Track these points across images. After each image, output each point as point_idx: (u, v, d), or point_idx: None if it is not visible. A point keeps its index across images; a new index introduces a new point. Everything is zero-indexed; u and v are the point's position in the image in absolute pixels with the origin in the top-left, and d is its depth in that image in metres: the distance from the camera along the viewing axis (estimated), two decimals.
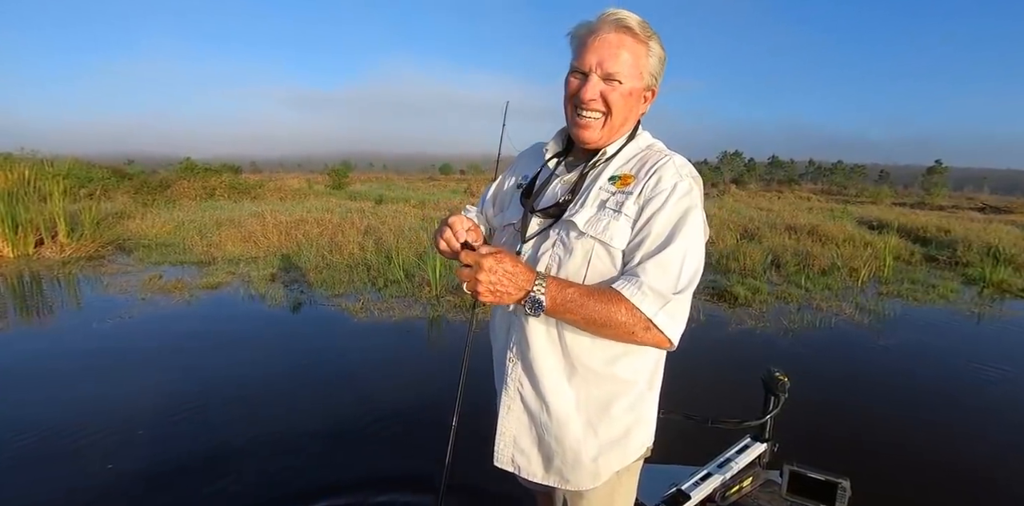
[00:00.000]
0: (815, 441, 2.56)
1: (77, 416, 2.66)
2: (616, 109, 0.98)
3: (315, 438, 2.52)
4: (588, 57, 0.96)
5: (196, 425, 2.62)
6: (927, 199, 28.24)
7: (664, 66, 1.01)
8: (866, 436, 2.69)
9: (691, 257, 0.92)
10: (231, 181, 14.71)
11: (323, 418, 2.72)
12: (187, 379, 3.14)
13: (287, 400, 2.92)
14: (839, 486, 1.35)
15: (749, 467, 1.57)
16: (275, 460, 2.33)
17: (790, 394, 1.56)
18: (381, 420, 2.70)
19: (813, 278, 6.09)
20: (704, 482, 1.50)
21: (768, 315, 4.69)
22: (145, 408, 2.76)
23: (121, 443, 2.44)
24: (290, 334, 4.07)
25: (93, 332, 3.96)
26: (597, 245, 0.95)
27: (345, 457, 2.37)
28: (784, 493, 1.41)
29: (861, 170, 54.16)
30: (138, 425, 2.59)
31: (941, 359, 3.86)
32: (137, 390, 2.99)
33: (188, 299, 4.83)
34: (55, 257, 6.75)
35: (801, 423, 2.71)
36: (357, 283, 5.39)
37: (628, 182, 0.98)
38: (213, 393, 2.97)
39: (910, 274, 6.60)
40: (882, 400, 3.11)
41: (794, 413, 1.58)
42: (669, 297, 0.89)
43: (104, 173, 14.58)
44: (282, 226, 7.81)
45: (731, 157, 57.90)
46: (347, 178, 22.93)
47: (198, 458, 2.33)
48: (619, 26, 0.95)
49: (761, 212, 12.21)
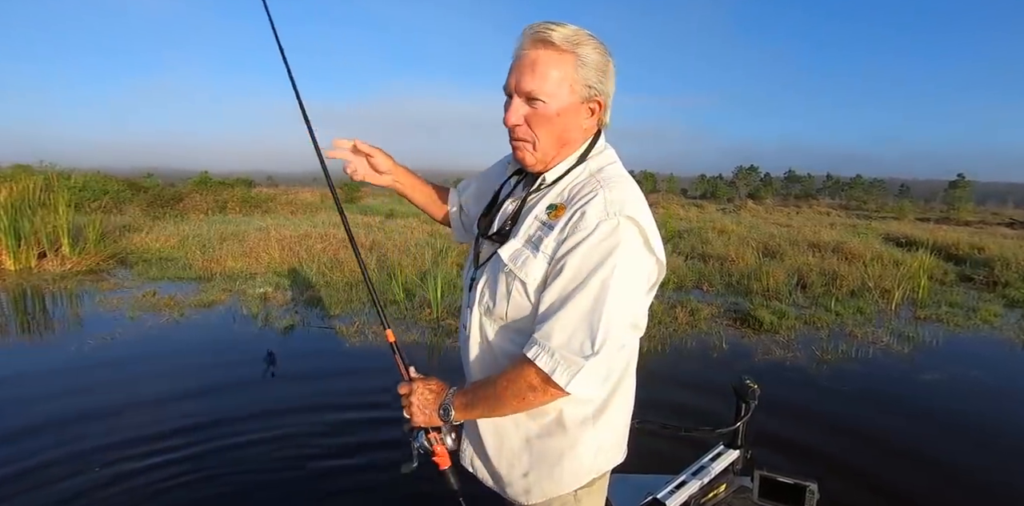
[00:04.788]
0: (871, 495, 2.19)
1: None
2: (542, 132, 0.89)
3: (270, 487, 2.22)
4: (509, 78, 0.89)
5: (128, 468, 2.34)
6: (952, 214, 27.45)
7: (607, 72, 0.90)
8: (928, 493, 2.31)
9: (608, 312, 0.81)
10: (243, 195, 14.70)
11: (290, 461, 2.41)
12: (138, 411, 2.85)
13: (246, 435, 2.62)
14: (807, 489, 1.39)
15: (723, 474, 1.58)
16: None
17: (760, 408, 1.53)
18: (359, 464, 2.39)
19: (842, 300, 5.68)
20: (679, 490, 1.49)
21: (797, 343, 4.30)
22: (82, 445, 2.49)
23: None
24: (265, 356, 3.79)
25: (68, 355, 3.72)
26: (516, 281, 0.89)
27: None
28: (756, 498, 1.45)
29: (880, 184, 53.21)
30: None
31: (998, 399, 3.43)
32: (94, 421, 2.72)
33: (177, 319, 4.60)
34: (55, 270, 6.62)
35: (853, 473, 2.35)
36: (355, 303, 5.12)
37: (559, 214, 0.88)
38: (151, 429, 2.67)
39: (947, 296, 6.15)
40: (939, 450, 2.71)
41: (844, 461, 1.41)
42: (580, 363, 0.81)
43: (120, 186, 14.64)
44: (285, 241, 7.62)
45: (746, 172, 57.33)
46: (359, 192, 22.96)
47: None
48: (536, 40, 0.86)
49: (781, 228, 11.78)
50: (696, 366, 3.79)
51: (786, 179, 58.61)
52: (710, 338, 4.37)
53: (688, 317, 4.84)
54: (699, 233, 9.97)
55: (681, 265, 7.08)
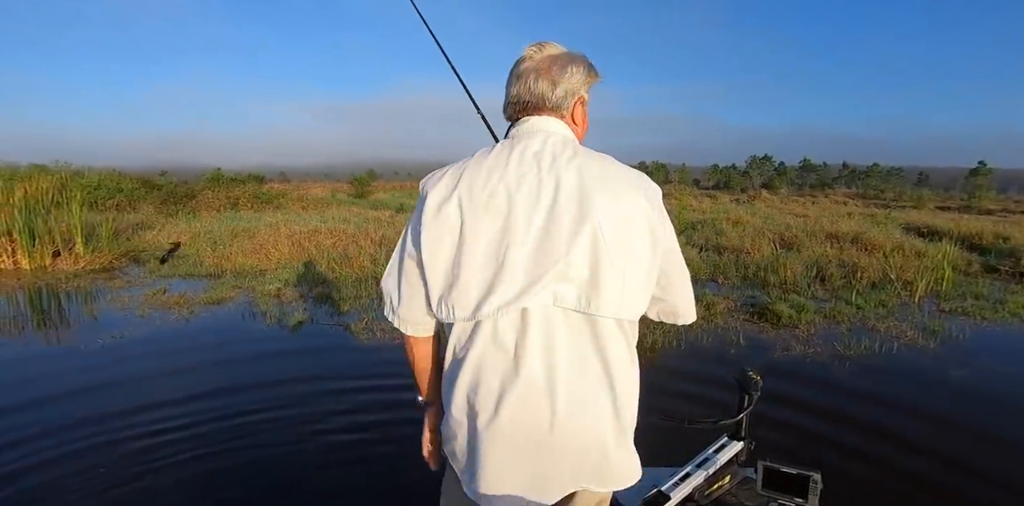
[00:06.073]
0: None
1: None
2: None
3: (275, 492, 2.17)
4: None
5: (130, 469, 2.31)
6: (972, 203, 26.77)
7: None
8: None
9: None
10: (254, 191, 14.75)
11: (289, 464, 2.37)
12: (140, 411, 2.81)
13: (250, 436, 2.58)
14: (811, 479, 1.38)
15: (727, 465, 1.58)
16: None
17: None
18: (367, 469, 2.33)
19: (863, 293, 5.50)
20: (684, 482, 1.49)
21: (817, 338, 4.16)
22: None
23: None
24: (280, 356, 3.75)
25: (77, 353, 3.72)
26: None
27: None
28: (760, 489, 1.45)
29: (899, 173, 52.08)
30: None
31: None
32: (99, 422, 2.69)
33: (187, 316, 4.58)
34: (69, 269, 6.68)
35: (868, 468, 2.24)
36: (364, 299, 5.07)
37: None
38: (165, 431, 2.64)
39: (971, 288, 5.94)
40: (960, 449, 2.58)
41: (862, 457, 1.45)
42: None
43: (134, 184, 14.75)
44: (295, 237, 7.60)
45: (760, 161, 56.42)
46: (370, 187, 22.95)
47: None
48: None
49: (798, 219, 11.52)
50: (711, 362, 3.68)
51: (801, 168, 57.64)
52: (726, 333, 4.25)
53: (704, 311, 4.72)
54: (713, 224, 9.78)
55: (695, 257, 6.93)
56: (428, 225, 0.92)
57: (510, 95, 1.00)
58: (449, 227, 0.91)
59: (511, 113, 1.01)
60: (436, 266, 0.92)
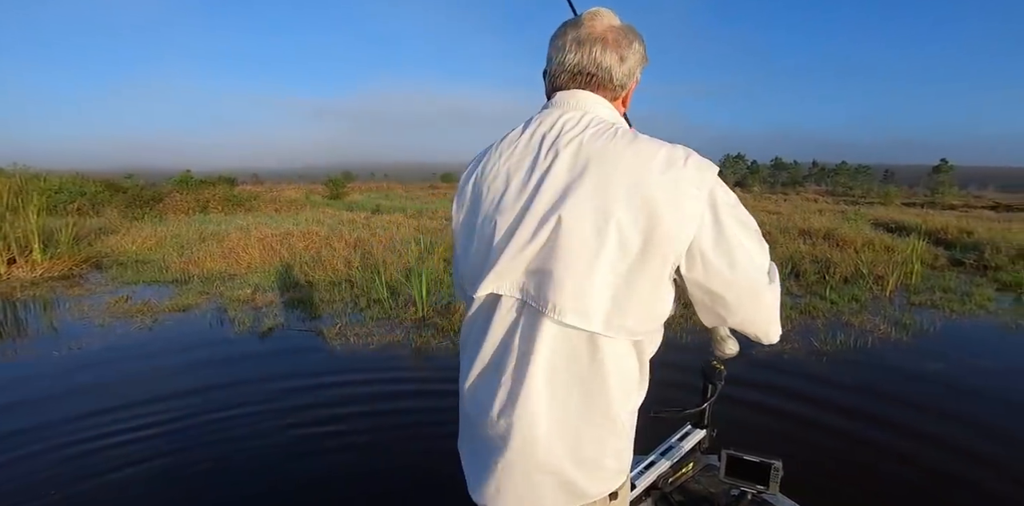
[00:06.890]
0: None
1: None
2: None
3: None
4: None
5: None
6: (936, 198, 27.69)
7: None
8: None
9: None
10: (225, 193, 14.35)
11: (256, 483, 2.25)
12: (90, 421, 2.67)
13: (211, 452, 2.46)
14: (772, 467, 1.42)
15: (690, 453, 1.60)
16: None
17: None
18: (341, 481, 2.23)
19: (837, 288, 5.59)
20: (649, 470, 1.49)
21: (794, 334, 4.18)
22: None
23: None
24: (247, 360, 3.63)
25: (28, 367, 3.52)
26: None
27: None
28: (723, 476, 1.48)
29: (866, 170, 53.56)
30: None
31: (1007, 388, 3.34)
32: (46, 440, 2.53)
33: (150, 325, 4.39)
34: (26, 277, 6.36)
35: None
36: (337, 303, 4.94)
37: None
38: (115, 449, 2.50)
39: (940, 281, 6.09)
40: (961, 454, 2.60)
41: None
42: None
43: (97, 187, 14.20)
44: (266, 240, 7.39)
45: (733, 160, 57.46)
46: (345, 188, 22.56)
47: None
48: None
49: (771, 216, 11.71)
50: (689, 359, 3.66)
51: (773, 167, 58.89)
52: (704, 330, 4.25)
53: (681, 309, 4.70)
54: None
55: None
56: (455, 206, 0.94)
57: (568, 63, 0.86)
58: (466, 209, 0.91)
59: (563, 82, 0.88)
60: (456, 244, 0.95)
